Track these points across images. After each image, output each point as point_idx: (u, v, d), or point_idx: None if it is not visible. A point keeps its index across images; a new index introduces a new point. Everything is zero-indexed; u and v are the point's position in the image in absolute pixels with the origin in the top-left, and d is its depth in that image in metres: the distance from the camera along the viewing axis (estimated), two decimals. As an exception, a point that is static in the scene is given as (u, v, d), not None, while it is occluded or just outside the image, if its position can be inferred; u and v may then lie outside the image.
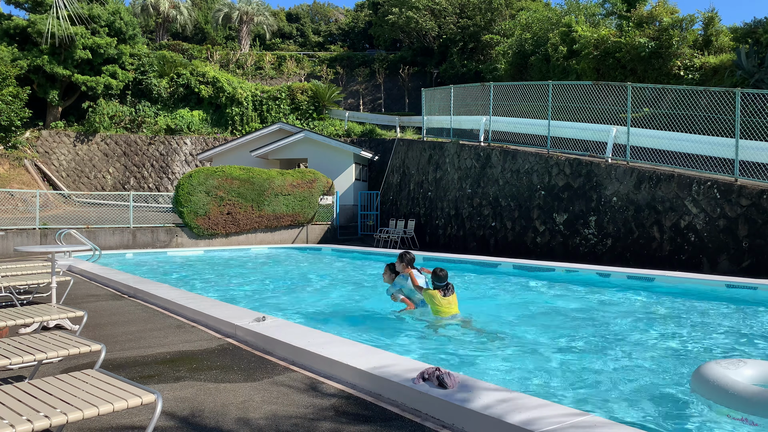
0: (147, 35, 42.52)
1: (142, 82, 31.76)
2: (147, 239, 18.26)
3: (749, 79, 16.15)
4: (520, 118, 17.02)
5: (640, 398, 4.38)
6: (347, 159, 24.07)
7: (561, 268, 11.28)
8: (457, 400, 3.50)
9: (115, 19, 30.45)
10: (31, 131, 28.88)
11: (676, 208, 11.97)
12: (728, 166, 11.75)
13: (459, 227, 17.52)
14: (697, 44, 20.47)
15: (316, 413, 3.65)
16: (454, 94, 19.14)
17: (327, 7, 60.71)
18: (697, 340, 6.36)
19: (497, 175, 16.24)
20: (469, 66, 35.45)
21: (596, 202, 13.49)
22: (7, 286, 7.13)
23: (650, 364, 5.31)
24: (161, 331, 6.17)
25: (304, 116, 32.27)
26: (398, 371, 4.10)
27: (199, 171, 19.14)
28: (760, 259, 10.54)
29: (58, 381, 2.99)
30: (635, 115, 14.28)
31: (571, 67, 22.20)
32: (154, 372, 4.60)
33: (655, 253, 12.15)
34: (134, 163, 30.15)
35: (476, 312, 7.47)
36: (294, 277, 12.13)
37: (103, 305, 7.79)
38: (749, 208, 10.87)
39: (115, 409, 2.67)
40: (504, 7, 36.51)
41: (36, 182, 25.97)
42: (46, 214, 20.16)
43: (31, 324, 5.80)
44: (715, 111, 12.37)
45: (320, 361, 4.59)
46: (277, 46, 50.70)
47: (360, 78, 41.41)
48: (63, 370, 4.55)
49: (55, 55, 28.48)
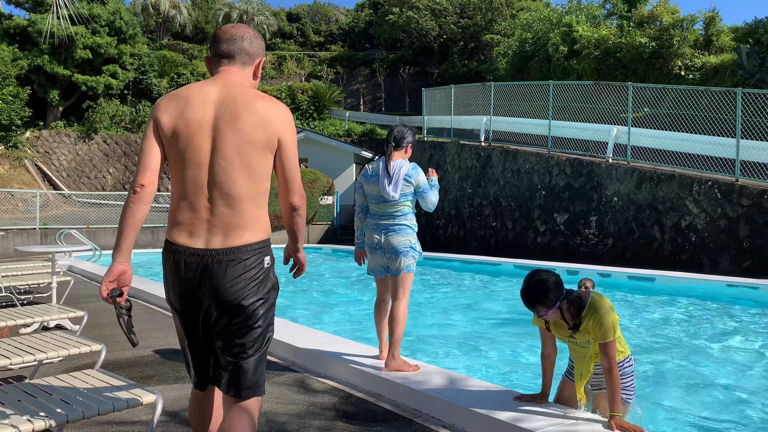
0: (147, 35, 42.49)
1: (142, 82, 31.76)
2: (147, 239, 18.25)
3: (750, 79, 16.13)
4: (520, 118, 17.00)
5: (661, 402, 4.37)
6: (348, 159, 24.06)
7: (562, 268, 11.27)
8: (457, 400, 3.49)
9: (116, 19, 30.44)
10: (32, 131, 28.87)
11: (676, 208, 11.96)
12: (729, 166, 11.74)
13: (459, 227, 17.51)
14: (698, 44, 20.45)
15: (316, 413, 3.65)
16: (454, 94, 19.13)
17: (327, 7, 60.69)
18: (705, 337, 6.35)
19: (498, 175, 16.23)
20: (469, 66, 35.44)
21: (597, 202, 13.48)
22: (8, 286, 7.13)
23: (669, 367, 5.30)
24: (162, 331, 6.17)
25: (304, 116, 32.26)
26: (399, 371, 4.09)
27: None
28: (761, 259, 10.53)
29: (59, 381, 2.98)
30: (636, 115, 14.27)
31: (571, 67, 22.19)
32: (154, 372, 4.60)
33: (656, 253, 12.15)
34: (134, 163, 30.13)
35: (470, 311, 7.47)
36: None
37: (104, 305, 7.78)
38: (750, 208, 10.86)
39: (115, 410, 2.67)
40: (504, 7, 36.49)
41: (36, 182, 25.97)
42: (46, 214, 20.17)
43: (31, 324, 5.79)
44: (716, 111, 12.36)
45: (320, 361, 4.58)
46: (277, 46, 50.67)
47: (360, 78, 41.40)
48: (63, 370, 4.54)
49: (56, 54, 28.47)
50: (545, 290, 3.06)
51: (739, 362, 5.46)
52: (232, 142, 2.18)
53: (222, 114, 2.20)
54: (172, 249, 2.23)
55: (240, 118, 2.19)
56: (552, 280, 3.09)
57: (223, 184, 2.18)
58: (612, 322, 3.11)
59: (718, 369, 5.24)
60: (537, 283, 3.09)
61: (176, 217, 2.25)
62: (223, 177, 2.18)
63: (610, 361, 3.07)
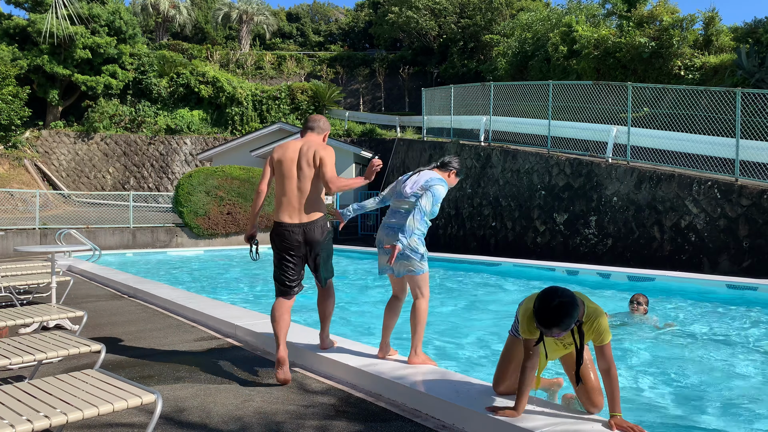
0: (147, 35, 42.48)
1: (142, 82, 31.75)
2: (147, 239, 18.25)
3: (750, 78, 16.14)
4: (520, 118, 17.01)
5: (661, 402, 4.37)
6: (347, 159, 24.07)
7: (561, 268, 11.28)
8: (457, 400, 3.49)
9: (115, 19, 30.44)
10: (31, 131, 28.87)
11: (676, 208, 11.97)
12: (729, 166, 11.75)
13: (459, 227, 17.51)
14: (698, 44, 20.46)
15: (316, 413, 3.65)
16: (454, 94, 19.14)
17: (327, 7, 60.69)
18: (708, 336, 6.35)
19: (497, 175, 16.23)
20: (469, 66, 35.44)
21: (596, 202, 13.48)
22: (7, 286, 7.12)
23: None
24: (161, 331, 6.17)
25: (304, 116, 32.25)
26: (399, 371, 4.09)
27: (199, 171, 19.13)
28: (761, 259, 10.53)
29: (58, 381, 2.98)
30: (636, 115, 14.27)
31: (571, 66, 22.19)
32: (154, 372, 4.60)
33: (656, 253, 12.15)
34: (134, 163, 30.13)
35: (470, 311, 7.47)
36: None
37: (103, 305, 7.78)
38: (750, 208, 10.86)
39: (115, 409, 2.66)
40: (504, 7, 36.49)
41: (36, 182, 25.96)
42: (46, 214, 20.16)
43: (31, 324, 5.79)
44: (716, 111, 12.36)
45: (320, 361, 4.59)
46: (277, 46, 50.67)
47: (360, 78, 41.39)
48: (63, 370, 4.54)
49: (55, 54, 28.47)
50: (567, 314, 2.88)
51: (739, 362, 5.46)
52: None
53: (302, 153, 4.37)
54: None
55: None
56: (573, 302, 2.91)
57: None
58: (607, 323, 3.09)
59: (718, 369, 5.25)
60: (559, 307, 2.88)
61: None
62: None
63: (609, 363, 3.05)
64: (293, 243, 4.30)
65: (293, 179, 4.27)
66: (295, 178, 4.27)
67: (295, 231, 4.26)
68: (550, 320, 2.88)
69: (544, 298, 2.93)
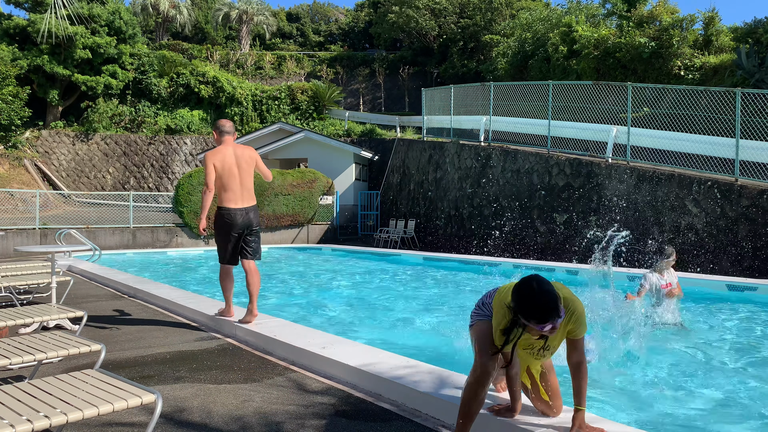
0: (147, 35, 42.49)
1: (142, 82, 31.74)
2: (147, 239, 18.25)
3: (749, 78, 16.14)
4: (520, 118, 17.01)
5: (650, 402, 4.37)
6: (347, 159, 24.07)
7: (561, 268, 11.28)
8: (457, 400, 3.49)
9: (115, 19, 30.43)
10: (31, 131, 28.86)
11: (676, 208, 11.97)
12: (729, 166, 11.75)
13: (459, 227, 17.51)
14: (698, 44, 20.46)
15: (316, 413, 3.65)
16: (454, 94, 19.14)
17: (327, 7, 60.68)
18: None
19: (497, 175, 16.23)
20: (469, 66, 35.44)
21: (596, 202, 13.48)
22: (7, 286, 7.12)
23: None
24: (161, 331, 6.17)
25: (304, 116, 32.26)
26: (399, 371, 4.09)
27: (199, 171, 19.12)
28: (761, 258, 10.53)
29: (58, 381, 2.98)
30: (635, 115, 14.27)
31: (571, 67, 22.19)
32: (154, 372, 4.60)
33: (656, 253, 12.14)
34: (134, 163, 30.13)
35: (469, 311, 7.44)
36: (294, 277, 12.12)
37: (103, 305, 7.79)
38: (750, 208, 10.87)
39: (115, 409, 2.66)
40: (504, 7, 36.49)
41: (36, 182, 25.95)
42: (46, 214, 20.16)
43: (31, 324, 5.79)
44: (716, 111, 12.36)
45: (320, 362, 4.59)
46: (277, 46, 50.68)
47: (360, 78, 41.39)
48: (63, 370, 4.54)
49: (55, 54, 28.46)
50: (556, 296, 2.62)
51: (739, 362, 5.46)
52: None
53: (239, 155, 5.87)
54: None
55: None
56: (548, 282, 2.67)
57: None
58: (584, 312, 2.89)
59: (717, 368, 5.25)
60: (546, 293, 2.61)
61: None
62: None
63: (581, 356, 2.91)
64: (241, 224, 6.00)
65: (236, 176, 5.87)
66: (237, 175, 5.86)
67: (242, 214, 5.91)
68: (545, 309, 2.60)
69: (526, 290, 2.64)
